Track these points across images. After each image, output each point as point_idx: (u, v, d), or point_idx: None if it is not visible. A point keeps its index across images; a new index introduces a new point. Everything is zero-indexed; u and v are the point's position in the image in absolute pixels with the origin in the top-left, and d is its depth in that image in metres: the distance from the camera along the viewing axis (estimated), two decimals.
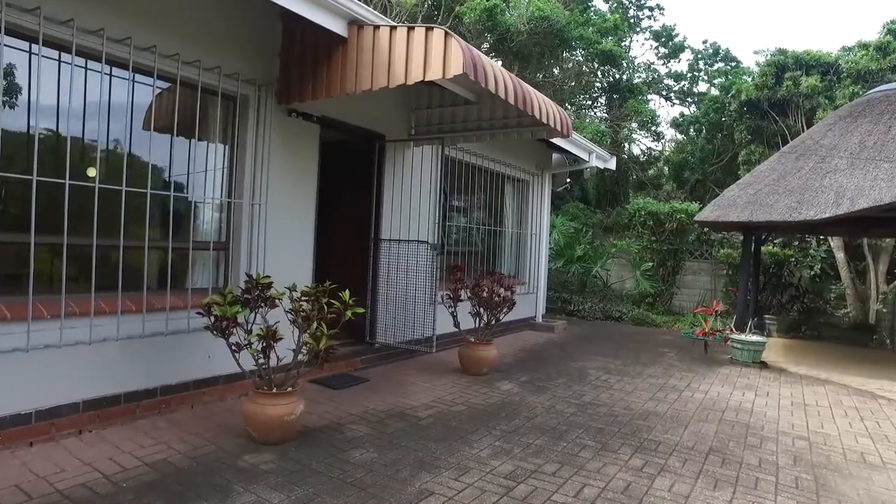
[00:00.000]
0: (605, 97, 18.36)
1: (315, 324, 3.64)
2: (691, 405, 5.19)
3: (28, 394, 3.34)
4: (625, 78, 17.57)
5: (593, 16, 16.29)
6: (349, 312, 3.69)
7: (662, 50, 20.33)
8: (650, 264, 11.92)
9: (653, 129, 18.89)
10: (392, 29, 4.06)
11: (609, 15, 16.90)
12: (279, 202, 4.89)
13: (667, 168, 19.68)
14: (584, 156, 9.08)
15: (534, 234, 9.54)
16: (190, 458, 3.38)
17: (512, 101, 4.43)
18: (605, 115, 17.95)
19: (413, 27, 3.95)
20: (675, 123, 19.93)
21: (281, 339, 3.67)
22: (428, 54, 3.87)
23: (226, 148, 4.65)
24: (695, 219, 9.22)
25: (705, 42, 22.63)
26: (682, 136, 19.96)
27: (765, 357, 7.49)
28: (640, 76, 19.49)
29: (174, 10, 4.02)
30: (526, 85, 4.75)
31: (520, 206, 9.46)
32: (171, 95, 4.14)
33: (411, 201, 6.37)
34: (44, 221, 3.44)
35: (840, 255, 11.16)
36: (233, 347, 3.62)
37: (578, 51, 15.62)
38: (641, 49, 38.48)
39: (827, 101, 12.53)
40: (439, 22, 12.63)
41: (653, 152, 20.40)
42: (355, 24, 4.21)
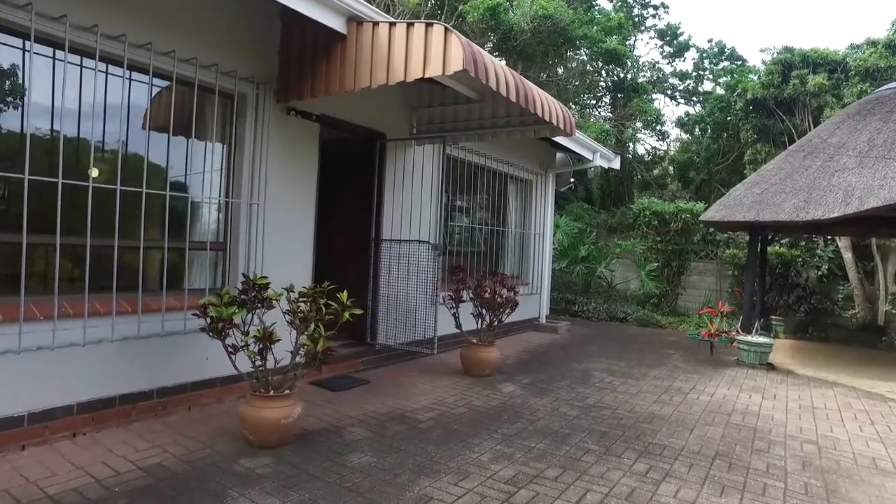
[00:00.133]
0: (609, 96, 18.26)
1: (313, 325, 3.58)
2: (697, 408, 5.10)
3: (20, 396, 3.29)
4: (629, 77, 17.47)
5: (597, 15, 16.19)
6: (347, 314, 3.62)
7: (667, 49, 20.21)
8: (655, 265, 11.82)
9: (657, 128, 18.77)
10: (391, 25, 3.99)
11: (613, 13, 16.79)
12: (278, 202, 4.83)
13: (672, 168, 19.56)
14: (588, 155, 8.99)
15: (537, 234, 9.46)
16: (185, 461, 3.32)
17: (514, 98, 4.36)
18: (610, 115, 17.85)
19: (412, 23, 3.88)
20: (679, 123, 19.80)
21: (278, 340, 3.60)
22: (428, 51, 3.80)
23: (224, 147, 4.60)
24: (700, 218, 9.12)
25: (710, 41, 22.43)
26: (687, 135, 19.84)
27: (772, 359, 7.38)
28: (644, 75, 19.39)
29: (170, 6, 3.96)
30: (528, 82, 4.67)
31: (523, 206, 9.38)
32: (168, 94, 4.09)
33: (412, 201, 6.31)
34: (37, 221, 3.39)
35: (848, 256, 11.03)
36: (229, 349, 3.56)
37: (582, 50, 15.53)
38: (646, 48, 38.14)
39: (834, 100, 12.40)
40: (442, 21, 12.57)
41: (657, 152, 20.29)
42: (354, 20, 4.14)
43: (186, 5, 4.07)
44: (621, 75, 17.32)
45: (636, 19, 19.37)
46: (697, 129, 18.72)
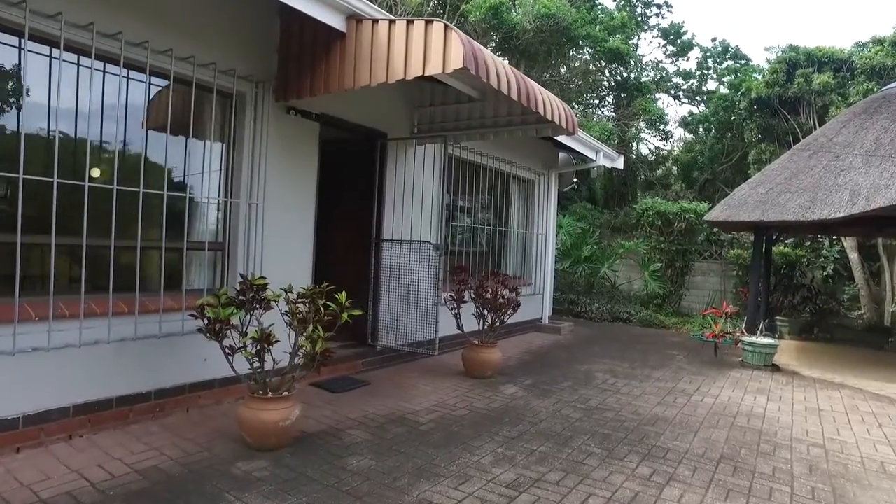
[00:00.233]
0: (612, 96, 18.17)
1: (311, 326, 3.53)
2: (701, 410, 5.03)
3: (15, 398, 3.25)
4: (632, 76, 17.38)
5: (600, 14, 16.11)
6: (345, 315, 3.57)
7: (671, 48, 20.11)
8: (658, 265, 11.73)
9: (661, 128, 18.68)
10: (391, 23, 3.94)
11: (616, 13, 16.72)
12: (277, 202, 4.78)
13: (675, 168, 19.47)
14: (591, 154, 8.92)
15: (540, 234, 9.39)
16: (182, 464, 3.27)
17: (515, 96, 4.30)
18: (613, 115, 17.76)
19: (412, 20, 3.83)
20: (683, 122, 19.71)
21: (277, 341, 3.56)
22: (427, 48, 3.75)
23: (223, 146, 4.56)
24: (704, 218, 9.04)
25: (714, 40, 22.39)
26: (690, 135, 19.74)
27: (777, 360, 7.30)
28: (647, 75, 19.30)
29: (168, 4, 3.93)
30: (530, 81, 4.62)
31: (526, 206, 9.32)
32: (166, 93, 4.05)
33: (413, 201, 6.26)
34: (33, 221, 3.36)
35: (854, 256, 10.93)
36: (226, 350, 3.52)
37: (585, 49, 15.46)
38: (649, 47, 38.06)
39: (840, 99, 12.29)
40: (444, 20, 12.51)
41: (661, 152, 20.20)
42: (354, 18, 4.09)
43: (184, 3, 4.03)
44: (624, 75, 17.23)
45: (639, 18, 19.28)
46: (701, 129, 18.62)
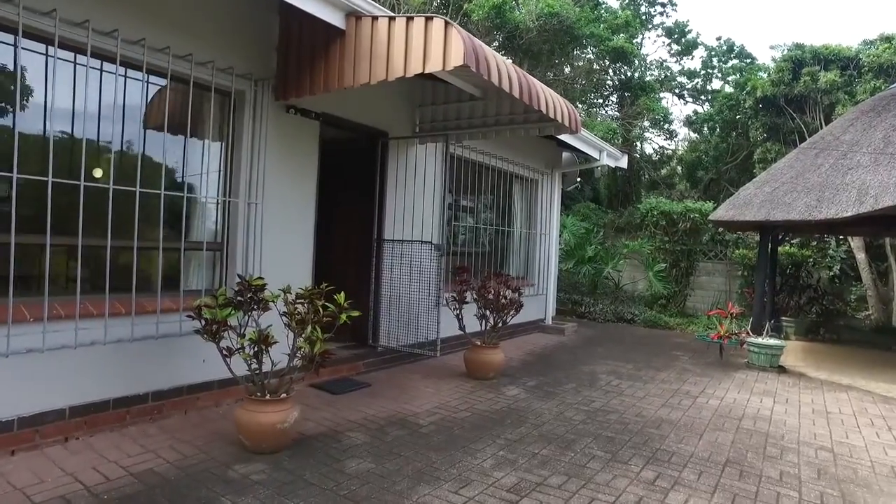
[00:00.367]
0: (616, 95, 18.08)
1: (310, 327, 3.48)
2: (706, 412, 4.96)
3: (9, 400, 3.21)
4: (636, 75, 17.29)
5: (604, 12, 16.04)
6: (344, 315, 3.52)
7: (675, 47, 20.02)
8: (663, 265, 11.65)
9: (665, 127, 18.59)
10: (391, 20, 3.89)
11: (620, 11, 16.64)
12: (277, 201, 4.74)
13: (680, 167, 19.38)
14: (594, 154, 8.84)
15: (543, 234, 9.33)
16: (178, 467, 3.23)
17: (517, 94, 4.24)
18: (617, 114, 17.68)
19: (412, 17, 3.78)
20: (688, 122, 19.60)
21: (275, 342, 3.51)
22: (427, 45, 3.70)
23: (221, 146, 4.51)
24: (709, 218, 8.96)
25: (719, 38, 22.26)
26: (695, 134, 19.65)
27: (783, 361, 7.21)
28: (652, 74, 19.20)
29: (165, 1, 3.88)
30: (532, 78, 4.56)
31: (529, 206, 9.25)
32: (163, 91, 4.01)
33: (415, 200, 6.20)
34: (28, 221, 3.32)
35: (861, 256, 10.82)
36: (223, 352, 3.47)
37: (589, 48, 15.38)
38: (653, 46, 37.95)
39: (847, 97, 12.18)
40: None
41: (665, 151, 20.09)
42: (353, 15, 4.04)
43: (181, 1, 3.98)
44: (628, 74, 17.14)
45: (643, 17, 19.18)
46: (706, 128, 18.52)
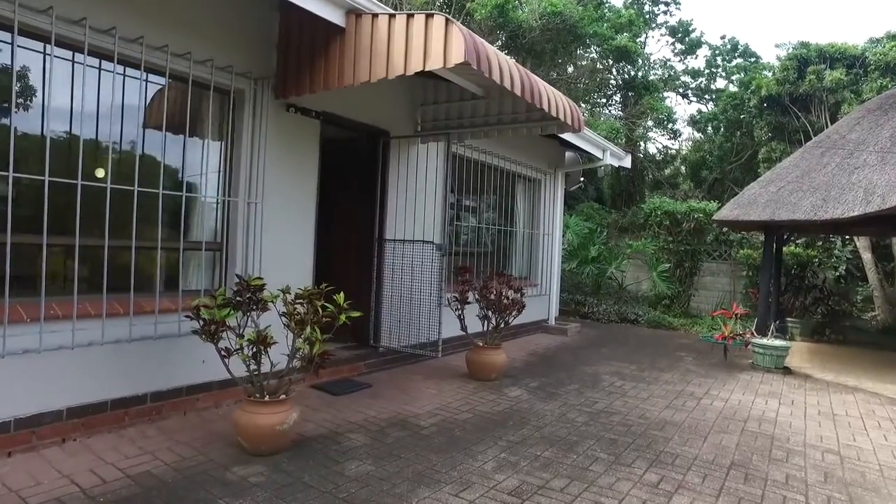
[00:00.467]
0: (619, 95, 18.01)
1: (309, 328, 3.44)
2: (711, 414, 4.90)
3: (6, 401, 3.18)
4: (640, 75, 17.22)
5: (607, 11, 15.96)
6: (343, 316, 3.48)
7: (679, 46, 19.94)
8: (667, 265, 11.57)
9: (669, 126, 18.50)
10: (391, 17, 3.85)
11: (624, 10, 16.56)
12: (277, 201, 4.70)
13: (683, 167, 19.28)
14: (597, 153, 8.79)
15: (546, 234, 9.27)
16: (176, 469, 3.20)
17: (519, 92, 4.20)
18: (620, 113, 17.60)
19: (412, 14, 3.74)
20: (692, 121, 19.51)
21: (274, 343, 3.47)
22: (428, 43, 3.65)
23: (221, 145, 4.48)
24: (714, 218, 8.89)
25: (723, 37, 22.12)
26: (699, 134, 19.55)
27: (788, 362, 7.14)
28: (655, 73, 19.12)
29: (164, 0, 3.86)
30: (534, 76, 4.51)
31: (532, 206, 9.20)
32: (162, 89, 3.98)
33: (417, 200, 6.16)
34: (24, 220, 3.30)
35: (867, 256, 10.72)
36: (222, 352, 3.43)
37: (592, 47, 15.31)
38: (657, 45, 37.74)
39: (853, 96, 12.08)
40: None
41: (669, 151, 20.00)
42: (353, 13, 4.01)
43: None
44: (632, 73, 17.07)
45: (647, 16, 19.11)
46: (710, 128, 18.43)
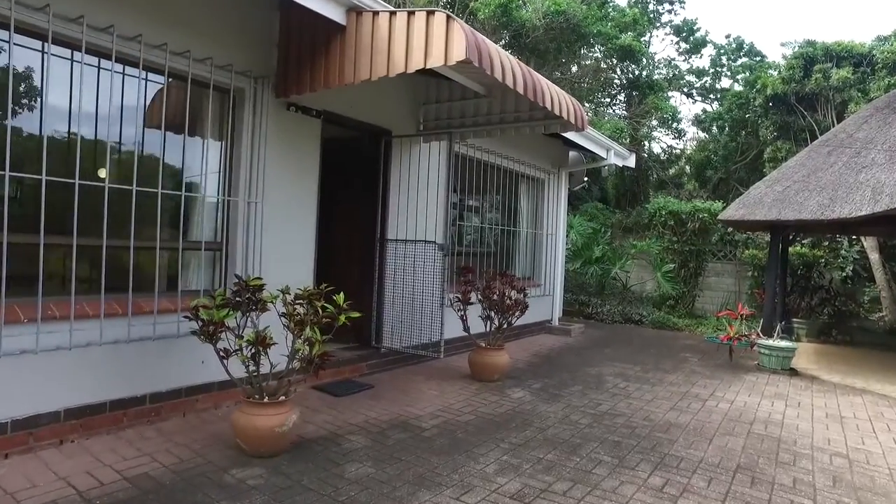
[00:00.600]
0: (624, 94, 17.92)
1: (308, 329, 3.41)
2: (716, 416, 4.84)
3: (2, 402, 3.14)
4: (644, 74, 17.11)
5: (611, 10, 15.88)
6: (343, 317, 3.44)
7: (683, 45, 19.82)
8: (671, 266, 11.49)
9: (674, 126, 18.40)
10: (392, 14, 3.81)
11: (628, 9, 16.47)
12: (277, 200, 4.67)
13: (688, 167, 19.17)
14: (601, 153, 8.72)
15: (550, 234, 9.21)
16: (173, 471, 3.16)
17: (521, 90, 4.15)
18: (625, 113, 17.51)
19: (413, 11, 3.70)
20: (696, 120, 19.40)
21: (274, 344, 3.43)
22: (429, 40, 3.61)
23: (221, 144, 4.45)
24: (719, 217, 8.81)
25: (728, 36, 22.02)
26: (704, 133, 19.44)
27: (794, 363, 7.06)
28: (660, 72, 19.02)
29: None
30: (537, 75, 4.46)
31: (535, 206, 9.14)
32: (161, 88, 3.95)
33: (419, 200, 6.12)
34: (22, 220, 3.27)
35: (874, 256, 10.61)
36: (220, 353, 3.40)
37: (596, 47, 15.23)
38: (662, 44, 37.66)
39: (860, 94, 11.97)
40: None
41: (674, 150, 19.90)
42: (354, 10, 3.97)
43: None
44: (636, 72, 16.97)
45: (651, 15, 19.00)
46: (715, 127, 18.32)
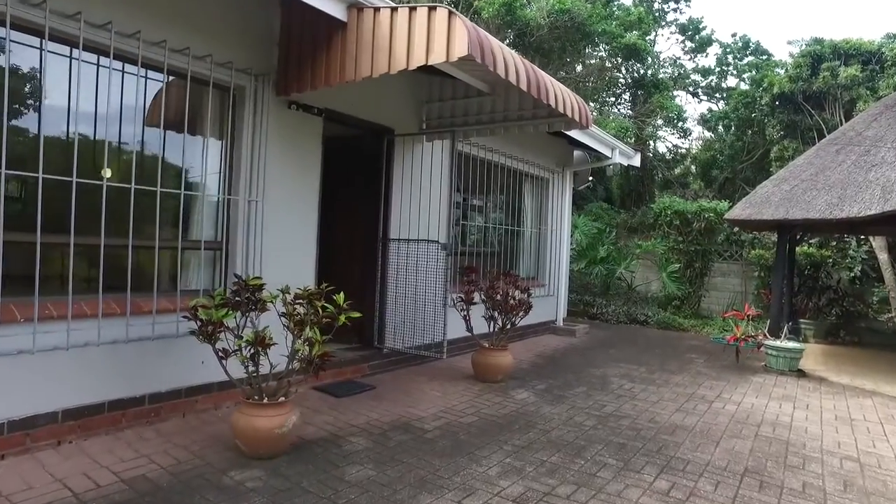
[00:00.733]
0: (629, 93, 17.81)
1: (308, 329, 3.36)
2: (723, 418, 4.76)
3: None
4: (649, 73, 17.01)
5: (616, 9, 15.79)
6: (343, 317, 3.39)
7: (689, 44, 19.70)
8: (677, 266, 11.40)
9: (679, 125, 18.28)
10: (393, 10, 3.76)
11: (633, 8, 16.37)
12: (278, 199, 4.63)
13: (694, 166, 19.05)
14: (606, 152, 8.65)
15: (554, 234, 9.15)
16: (171, 473, 3.12)
17: (524, 87, 4.09)
18: (630, 112, 17.40)
19: (414, 7, 3.65)
20: (702, 120, 19.27)
21: (273, 344, 3.39)
22: (431, 36, 3.56)
23: (221, 142, 4.41)
24: (725, 217, 8.72)
25: (734, 35, 21.83)
26: (709, 133, 19.31)
27: (802, 364, 6.97)
28: (665, 72, 18.90)
29: None
30: (540, 72, 4.40)
31: (539, 205, 9.08)
32: (160, 85, 3.91)
33: (422, 199, 6.06)
34: (18, 219, 3.24)
35: (883, 256, 10.48)
36: (219, 354, 3.36)
37: (601, 45, 15.14)
38: (667, 43, 37.43)
39: (868, 93, 11.84)
40: None
41: (679, 150, 19.77)
42: (355, 7, 3.92)
43: None
44: (641, 71, 16.87)
45: (656, 14, 18.89)
46: (721, 126, 18.19)
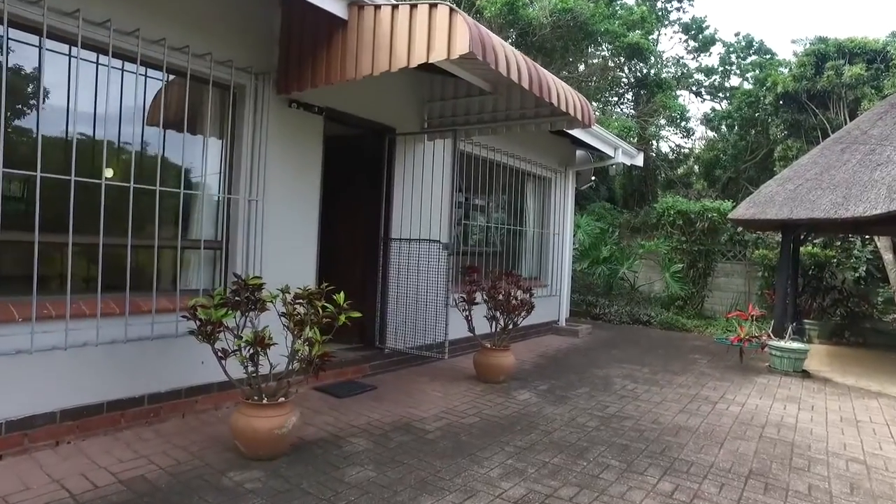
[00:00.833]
0: (631, 93, 17.75)
1: (308, 329, 3.33)
2: (727, 419, 4.72)
3: None
4: (652, 73, 16.95)
5: (619, 9, 15.74)
6: (343, 317, 3.36)
7: (692, 43, 19.63)
8: (680, 266, 11.34)
9: (682, 125, 18.20)
10: (394, 8, 3.73)
11: (636, 7, 16.32)
12: (279, 198, 4.60)
13: (697, 166, 18.98)
14: (609, 151, 8.61)
15: (557, 234, 9.10)
16: (170, 474, 3.10)
17: (526, 86, 4.06)
18: (633, 112, 17.34)
19: (415, 5, 3.61)
20: (705, 119, 19.19)
21: (273, 344, 3.36)
22: (432, 34, 3.53)
23: (221, 141, 4.39)
24: (729, 217, 8.67)
25: (738, 34, 21.76)
26: (712, 132, 19.23)
27: (807, 365, 6.91)
28: (668, 71, 18.84)
29: None
30: (543, 70, 4.36)
31: (542, 205, 9.03)
32: (160, 84, 3.89)
33: (423, 198, 6.03)
34: (16, 218, 3.22)
35: (888, 256, 10.40)
36: (218, 354, 3.33)
37: (604, 45, 15.09)
38: (670, 43, 37.28)
39: (873, 92, 11.76)
40: None
41: (682, 150, 19.70)
42: (356, 4, 3.89)
43: None
44: (644, 71, 16.81)
45: (659, 13, 18.82)
46: (724, 126, 18.11)
